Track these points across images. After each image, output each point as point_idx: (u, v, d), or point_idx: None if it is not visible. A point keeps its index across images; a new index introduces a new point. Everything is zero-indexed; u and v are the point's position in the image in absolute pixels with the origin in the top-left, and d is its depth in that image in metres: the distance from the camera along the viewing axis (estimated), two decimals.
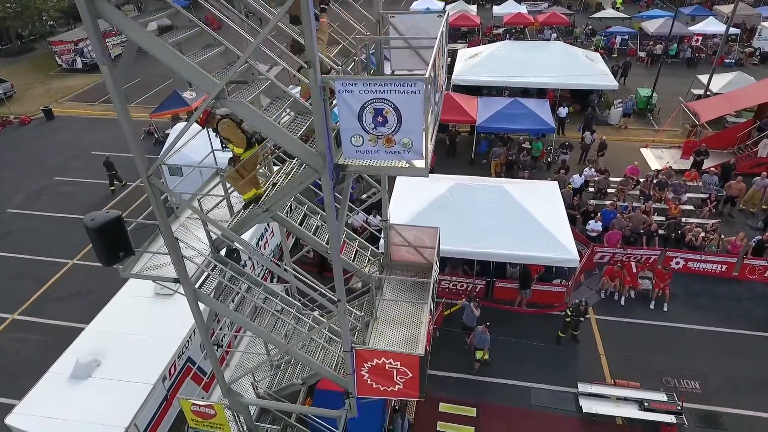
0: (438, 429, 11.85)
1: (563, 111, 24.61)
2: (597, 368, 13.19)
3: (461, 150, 23.42)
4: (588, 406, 11.98)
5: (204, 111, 6.24)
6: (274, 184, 7.43)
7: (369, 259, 9.43)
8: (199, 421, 8.78)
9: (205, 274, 7.07)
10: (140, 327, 10.88)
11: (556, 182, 17.14)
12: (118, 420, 8.96)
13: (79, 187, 22.23)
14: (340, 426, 7.48)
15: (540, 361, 13.44)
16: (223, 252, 7.32)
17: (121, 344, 10.47)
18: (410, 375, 6.97)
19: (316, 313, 8.51)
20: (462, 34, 39.67)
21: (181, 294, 6.81)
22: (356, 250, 9.36)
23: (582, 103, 26.75)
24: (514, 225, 14.55)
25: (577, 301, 13.46)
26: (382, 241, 9.67)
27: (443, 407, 12.36)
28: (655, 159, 22.41)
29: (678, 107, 24.98)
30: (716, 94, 23.68)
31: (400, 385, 7.14)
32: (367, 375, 7.14)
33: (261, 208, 6.59)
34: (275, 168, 7.89)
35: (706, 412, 11.92)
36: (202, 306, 7.00)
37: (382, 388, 7.24)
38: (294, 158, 7.39)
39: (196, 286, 6.83)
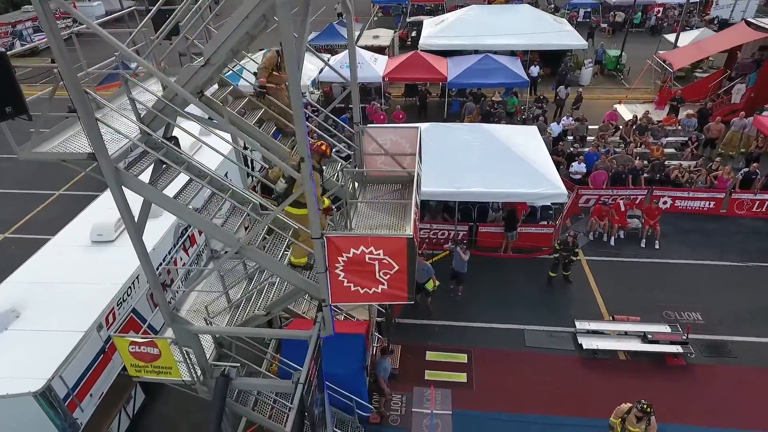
0: (426, 377, 10.57)
1: (535, 70, 23.92)
2: (593, 307, 12.21)
3: (432, 112, 22.36)
4: (588, 343, 10.95)
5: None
6: None
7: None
8: (141, 367, 7.19)
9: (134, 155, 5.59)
10: (72, 275, 9.20)
11: (536, 127, 16.24)
12: (39, 372, 7.29)
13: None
14: (311, 348, 6.08)
15: (532, 303, 12.37)
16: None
17: (48, 294, 8.76)
18: (396, 268, 5.66)
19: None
20: (427, 11, 38.82)
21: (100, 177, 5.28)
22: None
23: (552, 66, 26.17)
24: (496, 162, 13.47)
25: (565, 234, 12.46)
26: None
27: (430, 355, 11.10)
28: (630, 113, 21.84)
29: (648, 65, 24.64)
30: None
31: (384, 284, 5.82)
32: (342, 274, 5.79)
33: None
34: None
35: (711, 341, 11.07)
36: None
37: (362, 291, 5.89)
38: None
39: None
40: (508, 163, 13.51)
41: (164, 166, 5.82)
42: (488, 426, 9.53)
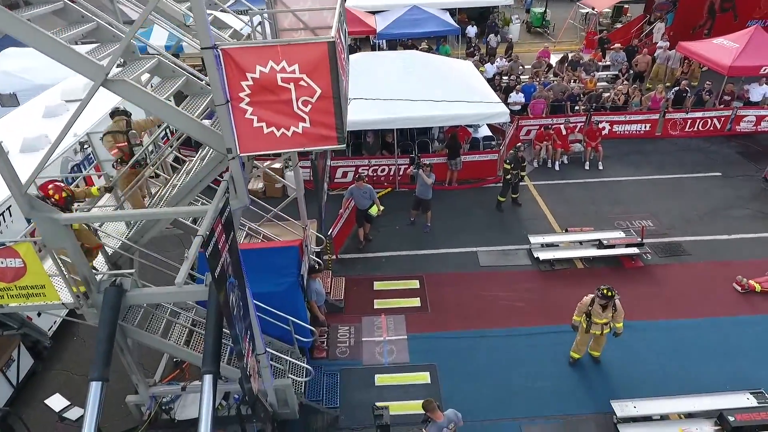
0: (375, 307, 9.44)
1: (472, 30, 23.55)
2: (545, 225, 11.60)
3: None
4: (544, 255, 10.27)
5: None
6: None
7: None
8: (2, 291, 5.50)
9: None
10: None
11: (470, 62, 15.61)
12: None
13: None
14: (212, 213, 4.62)
15: (484, 227, 11.58)
16: None
17: None
18: (318, 93, 4.44)
19: None
20: None
21: None
22: None
23: (481, 26, 25.93)
24: (434, 86, 12.59)
25: (512, 151, 11.76)
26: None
27: (379, 285, 9.98)
28: None
29: (571, 13, 25.00)
30: None
31: (305, 120, 4.57)
32: (250, 109, 4.49)
33: None
34: None
35: (665, 243, 10.75)
36: None
37: (278, 133, 4.61)
38: None
39: None
40: (447, 86, 12.68)
41: None
42: (447, 345, 8.54)
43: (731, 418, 6.73)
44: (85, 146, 10.30)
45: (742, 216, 11.57)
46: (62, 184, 5.42)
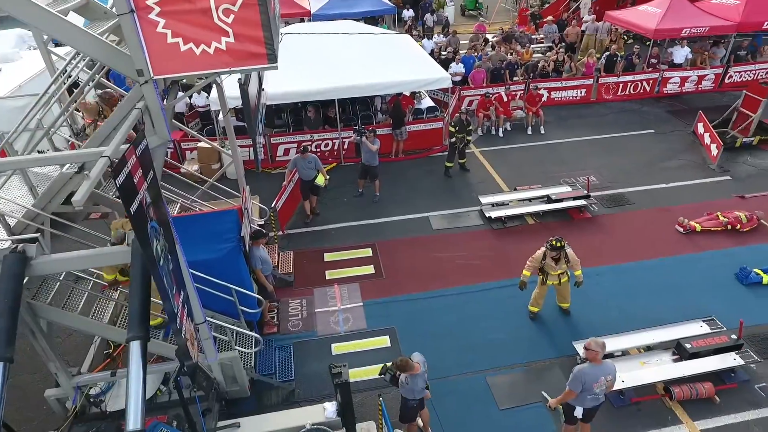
0: (327, 278, 8.93)
1: (407, 14, 23.33)
2: (494, 186, 11.53)
3: None
4: (496, 214, 10.15)
5: None
6: None
7: None
8: None
9: None
10: None
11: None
12: None
13: None
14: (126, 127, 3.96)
15: (434, 193, 11.37)
16: None
17: None
18: (240, 1, 3.92)
19: None
20: None
21: None
22: None
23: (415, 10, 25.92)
24: (374, 55, 12.26)
25: (457, 116, 11.59)
26: None
27: (329, 256, 9.48)
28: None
29: None
30: None
31: (228, 34, 4.03)
32: (162, 21, 3.89)
33: None
34: None
35: (610, 195, 10.96)
36: None
37: (198, 50, 4.04)
38: None
39: None
40: (387, 56, 12.38)
41: None
42: (405, 308, 8.19)
43: (688, 346, 6.80)
44: None
45: (676, 166, 12.02)
46: None
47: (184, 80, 5.88)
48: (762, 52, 16.20)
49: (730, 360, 6.68)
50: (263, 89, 6.57)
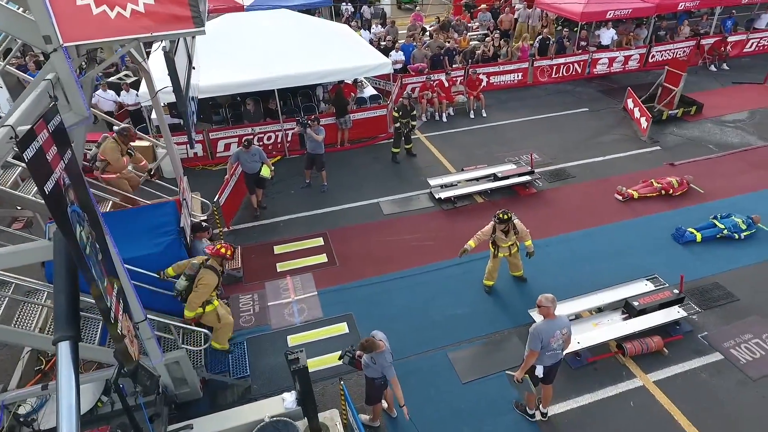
0: (279, 270, 8.60)
1: (346, 7, 23.10)
2: (441, 169, 11.57)
3: None
4: (445, 194, 10.18)
5: None
6: None
7: None
8: None
9: None
10: None
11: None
12: None
13: None
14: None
15: (382, 179, 11.26)
16: None
17: None
18: None
19: None
20: None
21: None
22: None
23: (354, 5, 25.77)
24: (312, 44, 11.95)
25: (400, 101, 11.54)
26: None
27: (279, 249, 9.15)
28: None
29: None
30: None
31: None
32: None
33: None
34: None
35: (552, 170, 11.28)
36: None
37: (112, 14, 3.66)
38: None
39: None
40: (326, 44, 12.11)
41: None
42: (361, 293, 8.02)
43: (636, 303, 7.05)
44: None
45: (611, 141, 12.56)
46: None
47: (101, 49, 5.39)
48: (680, 31, 17.29)
49: (674, 313, 6.99)
50: (194, 67, 6.16)
